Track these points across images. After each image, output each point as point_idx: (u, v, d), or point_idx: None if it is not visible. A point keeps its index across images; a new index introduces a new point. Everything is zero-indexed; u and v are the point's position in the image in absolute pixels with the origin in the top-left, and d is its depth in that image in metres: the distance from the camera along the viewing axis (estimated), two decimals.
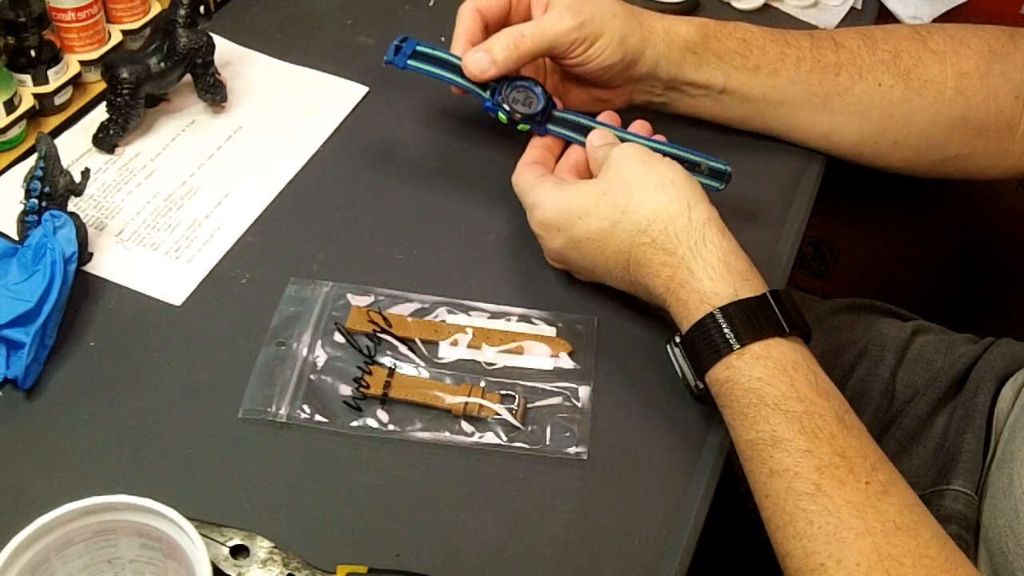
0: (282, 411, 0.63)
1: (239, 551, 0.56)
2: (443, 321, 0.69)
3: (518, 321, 0.70)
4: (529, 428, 0.64)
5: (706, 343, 0.62)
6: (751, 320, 0.61)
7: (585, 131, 0.74)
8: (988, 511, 0.74)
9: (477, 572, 0.58)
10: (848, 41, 0.81)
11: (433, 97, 0.87)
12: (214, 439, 0.62)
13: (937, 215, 1.27)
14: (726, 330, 0.61)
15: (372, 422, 0.63)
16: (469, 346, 0.68)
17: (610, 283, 0.69)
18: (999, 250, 1.27)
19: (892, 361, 0.92)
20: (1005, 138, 0.81)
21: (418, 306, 0.70)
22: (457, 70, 0.74)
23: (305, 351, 0.66)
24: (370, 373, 0.65)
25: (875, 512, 0.55)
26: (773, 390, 0.59)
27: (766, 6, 1.02)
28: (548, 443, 0.63)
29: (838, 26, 1.01)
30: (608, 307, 0.71)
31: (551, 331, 0.69)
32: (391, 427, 0.63)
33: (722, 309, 0.62)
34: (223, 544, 0.56)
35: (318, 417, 0.63)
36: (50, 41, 0.80)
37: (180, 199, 0.77)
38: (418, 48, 0.75)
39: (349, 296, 0.70)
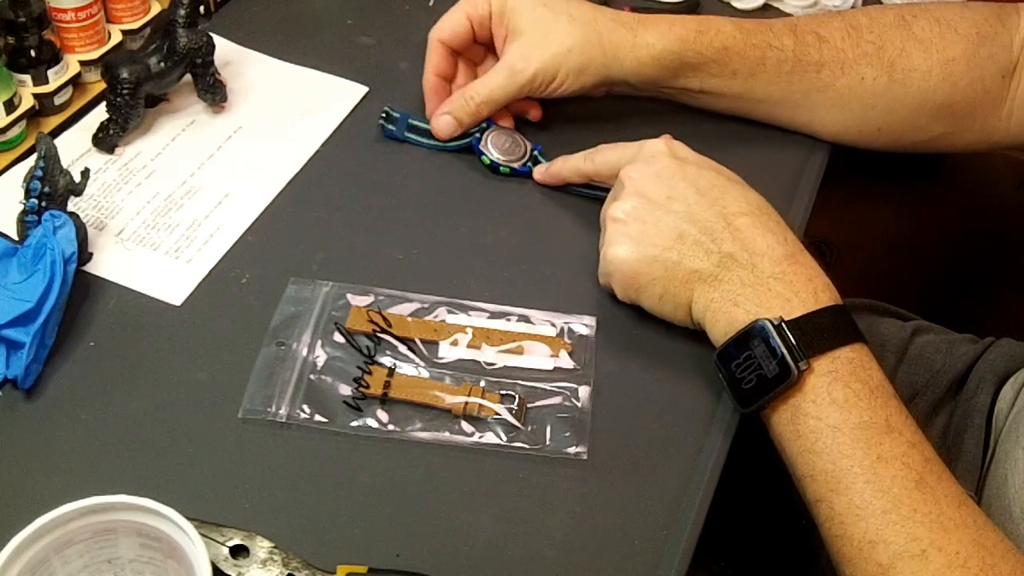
0: (282, 411, 0.63)
1: (239, 551, 0.56)
2: (443, 321, 0.69)
3: (518, 321, 0.70)
4: (529, 428, 0.64)
5: (831, 327, 0.63)
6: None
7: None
8: (984, 510, 0.74)
9: (477, 572, 0.58)
10: (832, 33, 0.80)
11: None
12: (214, 439, 0.62)
13: (937, 215, 1.27)
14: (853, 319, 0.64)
15: (372, 422, 0.63)
16: (469, 346, 0.68)
17: (664, 276, 0.67)
18: (999, 250, 1.27)
19: (892, 361, 0.92)
20: (991, 116, 0.82)
21: (418, 306, 0.70)
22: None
23: (305, 351, 0.66)
24: (370, 373, 0.65)
25: (967, 507, 0.59)
26: (887, 381, 0.62)
27: (766, 6, 1.02)
28: (548, 443, 0.63)
29: None
30: (608, 308, 0.71)
31: (551, 331, 0.69)
32: (391, 427, 0.63)
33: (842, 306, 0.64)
34: (223, 544, 0.56)
35: (318, 417, 0.63)
36: (50, 41, 0.80)
37: (180, 199, 0.77)
38: (411, 121, 0.83)
39: (349, 296, 0.70)
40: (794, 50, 0.80)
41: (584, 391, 0.66)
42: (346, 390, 0.65)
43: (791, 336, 0.61)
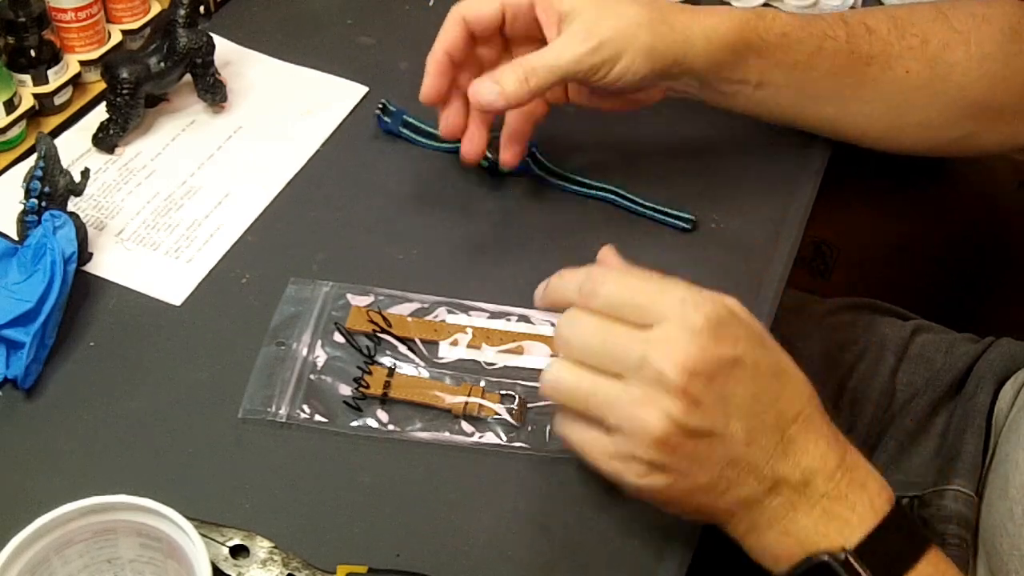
0: (282, 411, 0.63)
1: (239, 551, 0.56)
2: (443, 321, 0.69)
3: (518, 321, 0.69)
4: (529, 428, 0.64)
5: (901, 543, 0.55)
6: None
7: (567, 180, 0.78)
8: (986, 511, 0.74)
9: (477, 572, 0.58)
10: (879, 25, 0.78)
11: None
12: (214, 439, 0.62)
13: (937, 215, 1.27)
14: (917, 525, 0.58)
15: (372, 422, 0.63)
16: (469, 346, 0.68)
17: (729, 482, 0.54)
18: (999, 250, 1.27)
19: (892, 360, 0.92)
20: (1019, 117, 0.81)
21: (418, 306, 0.70)
22: (434, 137, 0.80)
23: (305, 351, 0.66)
24: (370, 373, 0.65)
25: None
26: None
27: (766, 6, 1.02)
28: (548, 443, 0.63)
29: None
30: None
31: (551, 331, 0.69)
32: (391, 427, 0.63)
33: (898, 504, 0.56)
34: (223, 544, 0.56)
35: (318, 417, 0.63)
36: (50, 41, 0.80)
37: (180, 199, 0.77)
38: (406, 118, 0.82)
39: (349, 296, 0.70)
40: (847, 41, 0.77)
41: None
42: (346, 390, 0.65)
43: (863, 572, 0.52)
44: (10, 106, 0.76)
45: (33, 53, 0.78)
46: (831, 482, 0.54)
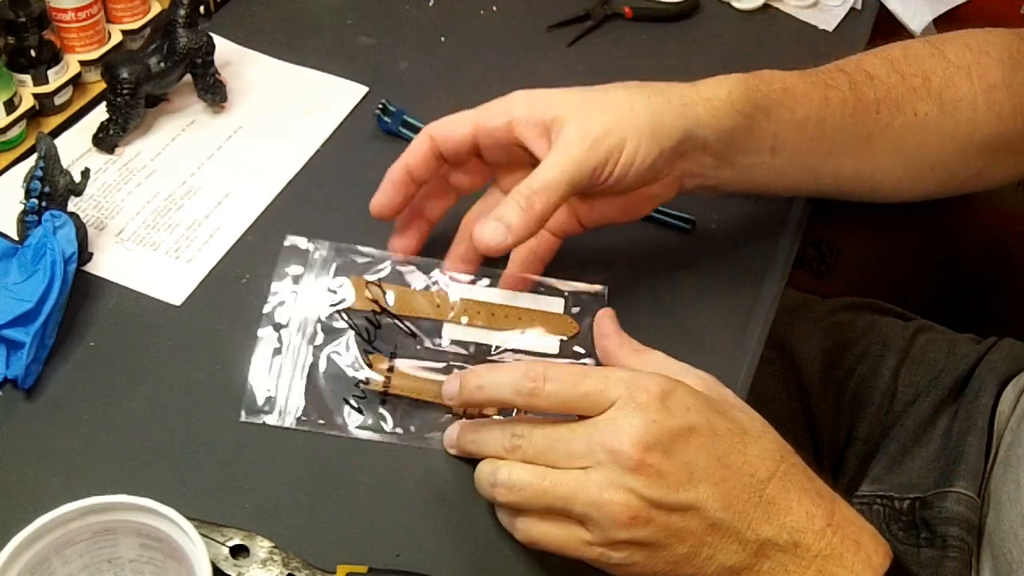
0: (282, 417, 0.63)
1: (239, 551, 0.56)
2: (444, 291, 0.67)
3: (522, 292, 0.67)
4: None
5: None
6: None
7: None
8: (993, 517, 0.74)
9: (477, 572, 0.58)
10: (878, 70, 0.74)
11: (433, 97, 0.87)
12: (214, 439, 0.62)
13: (937, 215, 1.27)
14: None
15: (372, 422, 0.63)
16: (471, 325, 0.66)
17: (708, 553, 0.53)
18: (999, 250, 1.27)
19: (894, 361, 0.92)
20: None
21: (422, 277, 0.68)
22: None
23: (301, 339, 0.65)
24: (370, 365, 0.64)
25: None
26: None
27: (766, 6, 1.02)
28: None
29: (837, 27, 1.01)
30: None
31: (558, 303, 0.66)
32: (394, 429, 0.63)
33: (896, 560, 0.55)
34: (223, 544, 0.56)
35: (319, 420, 0.63)
36: (50, 41, 0.80)
37: (180, 199, 0.77)
38: (405, 118, 0.82)
39: (349, 259, 0.69)
40: (851, 89, 0.73)
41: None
42: (347, 386, 0.64)
43: None
44: (10, 106, 0.76)
45: (33, 53, 0.78)
46: (822, 540, 0.53)
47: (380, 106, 0.83)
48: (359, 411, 0.63)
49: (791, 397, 0.94)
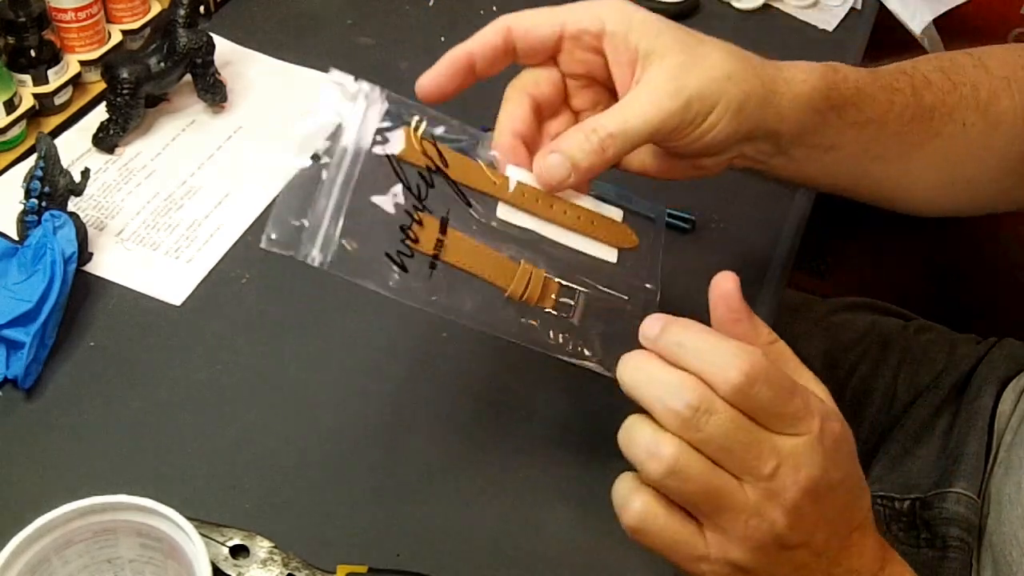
0: (315, 252, 0.53)
1: (239, 551, 0.56)
2: (501, 167, 0.58)
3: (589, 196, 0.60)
4: (578, 334, 0.57)
5: None
6: None
7: None
8: (993, 518, 0.73)
9: (477, 572, 0.58)
10: (933, 76, 0.71)
11: None
12: (214, 439, 0.62)
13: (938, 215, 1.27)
14: None
15: (416, 284, 0.54)
16: (529, 211, 0.58)
17: None
18: (999, 249, 1.27)
19: (895, 361, 0.92)
20: None
21: (481, 149, 0.59)
22: None
23: (343, 176, 0.55)
24: (420, 223, 0.55)
25: None
26: None
27: (766, 6, 1.02)
28: (591, 354, 0.57)
29: (837, 27, 1.01)
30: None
31: (618, 213, 0.60)
32: (435, 298, 0.55)
33: None
34: (223, 544, 0.56)
35: (355, 268, 0.53)
36: (50, 41, 0.80)
37: (180, 199, 0.77)
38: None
39: (400, 108, 0.58)
40: (912, 94, 0.70)
41: (645, 303, 0.58)
42: (392, 238, 0.54)
43: None
44: (10, 106, 0.76)
45: (33, 53, 0.78)
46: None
47: None
48: (403, 268, 0.54)
49: None
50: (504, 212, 0.57)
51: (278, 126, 0.83)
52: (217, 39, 0.82)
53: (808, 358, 0.94)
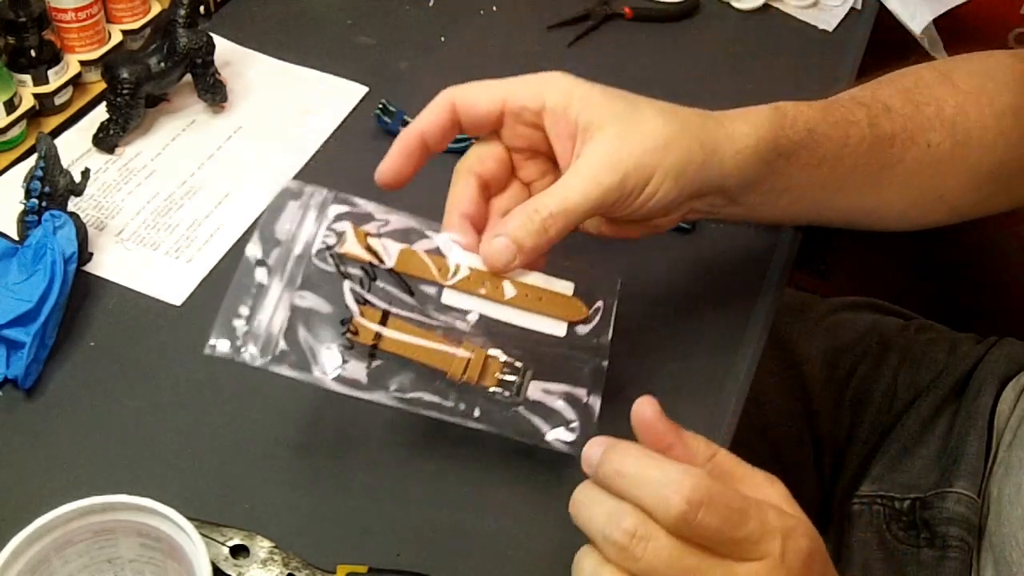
0: (254, 352, 0.55)
1: (239, 551, 0.56)
2: (447, 255, 0.60)
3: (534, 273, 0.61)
4: (526, 409, 0.58)
5: None
6: None
7: None
8: (994, 518, 0.73)
9: (477, 572, 0.58)
10: (894, 101, 0.71)
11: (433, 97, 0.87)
12: (214, 439, 0.62)
13: None
14: None
15: (354, 374, 0.56)
16: (474, 294, 0.59)
17: None
18: (999, 249, 1.27)
19: (894, 361, 0.92)
20: None
21: (426, 240, 0.61)
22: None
23: (287, 280, 0.58)
24: (361, 316, 0.57)
25: None
26: None
27: (766, 6, 1.02)
28: (542, 430, 0.58)
29: (837, 27, 1.01)
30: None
31: (568, 286, 0.61)
32: (375, 388, 0.56)
33: None
34: (223, 544, 0.56)
35: (295, 364, 0.56)
36: (50, 41, 0.80)
37: (180, 199, 0.77)
38: (405, 118, 0.81)
39: (346, 209, 0.61)
40: (869, 124, 0.69)
41: (594, 371, 0.58)
42: (333, 333, 0.57)
43: None
44: (10, 106, 0.76)
45: (33, 53, 0.78)
46: None
47: (380, 106, 0.83)
48: (343, 360, 0.56)
49: (791, 397, 0.94)
50: (449, 297, 0.59)
51: (278, 126, 0.83)
52: (217, 39, 0.82)
53: (808, 358, 0.95)
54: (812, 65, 0.96)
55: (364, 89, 0.87)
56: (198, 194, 0.77)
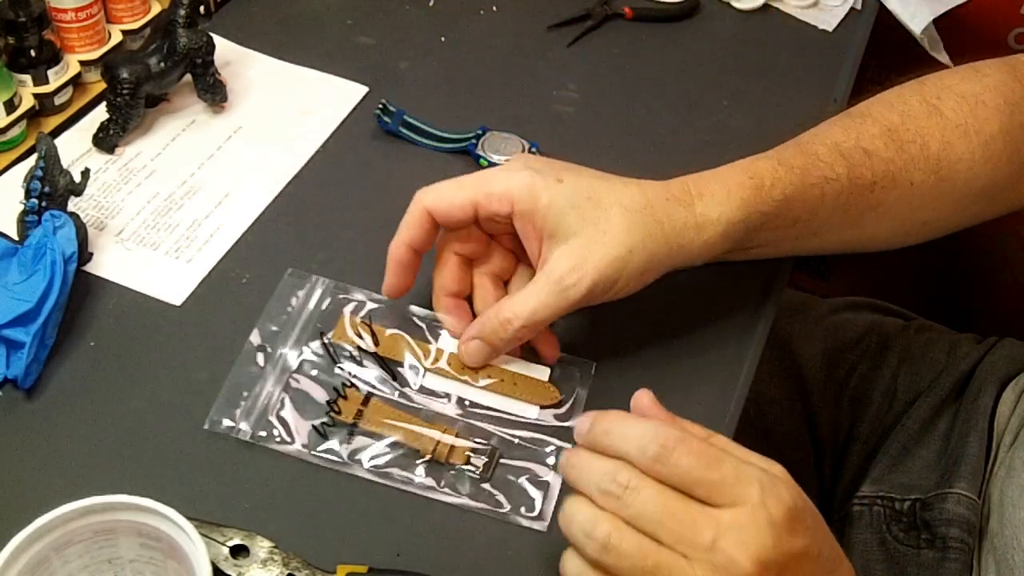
0: (246, 427, 0.62)
1: (239, 551, 0.56)
2: (431, 339, 0.67)
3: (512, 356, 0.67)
4: (494, 487, 0.61)
5: None
6: None
7: None
8: (995, 520, 0.73)
9: (477, 572, 0.58)
10: (875, 144, 0.71)
11: (433, 96, 0.87)
12: (214, 439, 0.62)
13: None
14: None
15: (335, 448, 0.61)
16: (452, 377, 0.66)
17: None
18: (999, 250, 1.27)
19: (894, 361, 0.92)
20: (1021, 183, 0.76)
21: (414, 322, 0.68)
22: (433, 137, 0.82)
23: (284, 363, 0.65)
24: (345, 397, 0.63)
25: None
26: None
27: (766, 6, 1.02)
28: (508, 508, 0.60)
29: (837, 27, 1.01)
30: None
31: (544, 372, 0.66)
32: (351, 460, 0.61)
33: None
34: (223, 544, 0.56)
35: (282, 440, 0.62)
36: (50, 41, 0.80)
37: (180, 199, 0.77)
38: (405, 118, 0.82)
39: (342, 297, 0.69)
40: (848, 176, 0.69)
41: (559, 455, 0.62)
42: (317, 413, 0.63)
43: None
44: (10, 106, 0.76)
45: (33, 53, 0.78)
46: None
47: (380, 106, 0.83)
48: (323, 436, 0.62)
49: (791, 397, 0.94)
50: (429, 381, 0.66)
51: (278, 126, 0.83)
52: (217, 39, 0.82)
53: (808, 358, 0.95)
54: (812, 65, 0.96)
55: (364, 89, 0.87)
56: (198, 194, 0.77)
